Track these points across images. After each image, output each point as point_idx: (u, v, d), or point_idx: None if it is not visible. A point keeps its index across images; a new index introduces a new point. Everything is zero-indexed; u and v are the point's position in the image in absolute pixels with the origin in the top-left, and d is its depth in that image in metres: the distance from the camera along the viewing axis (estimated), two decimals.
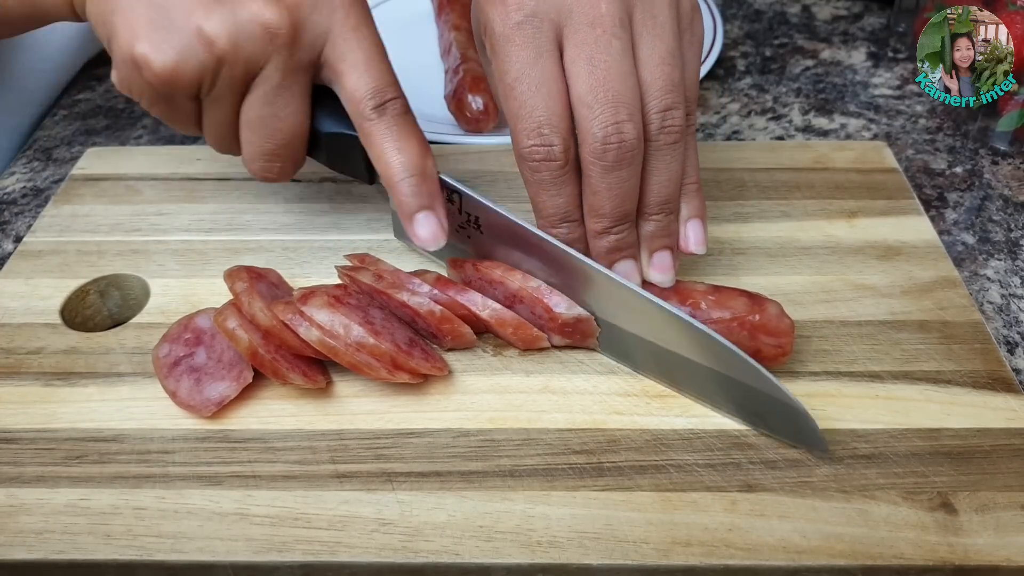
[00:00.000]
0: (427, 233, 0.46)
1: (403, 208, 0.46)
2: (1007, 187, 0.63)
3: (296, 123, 0.46)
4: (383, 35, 0.48)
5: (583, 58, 0.40)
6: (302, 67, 0.45)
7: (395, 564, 0.38)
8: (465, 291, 0.46)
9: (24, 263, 0.53)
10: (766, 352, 0.43)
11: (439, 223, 0.46)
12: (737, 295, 0.44)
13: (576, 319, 0.45)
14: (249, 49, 0.43)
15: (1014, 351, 0.51)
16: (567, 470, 0.41)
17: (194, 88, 0.44)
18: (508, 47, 0.41)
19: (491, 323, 0.46)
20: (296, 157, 0.48)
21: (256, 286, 0.45)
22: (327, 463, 0.42)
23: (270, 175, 0.48)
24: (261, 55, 0.43)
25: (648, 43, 0.41)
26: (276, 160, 0.47)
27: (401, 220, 0.46)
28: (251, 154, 0.47)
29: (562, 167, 0.42)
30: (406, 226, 0.46)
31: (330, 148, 0.49)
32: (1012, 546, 0.38)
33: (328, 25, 0.45)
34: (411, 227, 0.46)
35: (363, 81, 0.45)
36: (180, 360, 0.45)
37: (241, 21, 0.43)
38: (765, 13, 0.87)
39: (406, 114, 0.46)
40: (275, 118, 0.46)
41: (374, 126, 0.45)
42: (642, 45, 0.41)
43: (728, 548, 0.38)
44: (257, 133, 0.46)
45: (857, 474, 0.41)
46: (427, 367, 0.44)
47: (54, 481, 0.41)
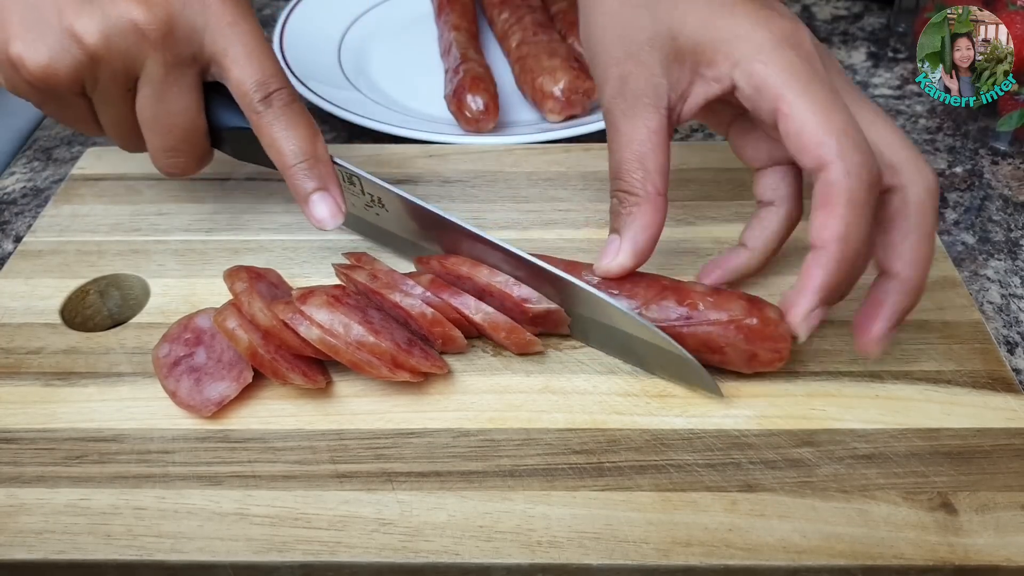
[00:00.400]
0: (323, 212, 0.48)
1: (298, 192, 0.48)
2: (1007, 187, 0.63)
3: (189, 118, 0.48)
4: (383, 35, 0.48)
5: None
6: (183, 63, 0.46)
7: (395, 564, 0.38)
8: (459, 294, 0.46)
9: (24, 263, 0.53)
10: (763, 357, 0.43)
11: (335, 202, 0.48)
12: (736, 298, 0.44)
13: (547, 311, 0.46)
14: (122, 46, 0.44)
15: (1014, 351, 0.51)
16: (567, 470, 0.41)
17: (74, 85, 0.45)
18: (813, 67, 0.40)
19: (484, 327, 0.46)
20: (198, 151, 0.50)
21: (256, 286, 0.45)
22: (327, 463, 0.42)
23: (176, 170, 0.50)
24: (136, 52, 0.45)
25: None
26: (179, 155, 0.49)
27: (298, 204, 0.48)
28: (153, 151, 0.49)
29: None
30: (303, 209, 0.48)
31: (232, 142, 0.50)
32: (1012, 546, 0.38)
33: (203, 21, 0.46)
34: (308, 209, 0.48)
35: (246, 74, 0.46)
36: (180, 360, 0.45)
37: (111, 19, 0.44)
38: None
39: (293, 103, 0.48)
40: (168, 114, 0.47)
41: (262, 118, 0.47)
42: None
43: (728, 548, 0.38)
44: (153, 131, 0.48)
45: (857, 474, 0.41)
46: (427, 365, 0.44)
47: (54, 481, 0.41)
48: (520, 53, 0.71)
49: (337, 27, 0.79)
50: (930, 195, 0.40)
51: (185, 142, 0.49)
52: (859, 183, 0.38)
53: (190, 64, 0.46)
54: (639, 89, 0.43)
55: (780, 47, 0.40)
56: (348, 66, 0.75)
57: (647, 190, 0.43)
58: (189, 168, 0.50)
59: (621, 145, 0.44)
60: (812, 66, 0.40)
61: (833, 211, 0.38)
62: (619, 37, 0.44)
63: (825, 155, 0.38)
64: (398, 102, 0.72)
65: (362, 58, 0.77)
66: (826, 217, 0.38)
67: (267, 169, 0.49)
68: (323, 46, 0.77)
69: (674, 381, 0.45)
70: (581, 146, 0.61)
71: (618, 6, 0.45)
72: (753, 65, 0.40)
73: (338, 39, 0.78)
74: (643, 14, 0.44)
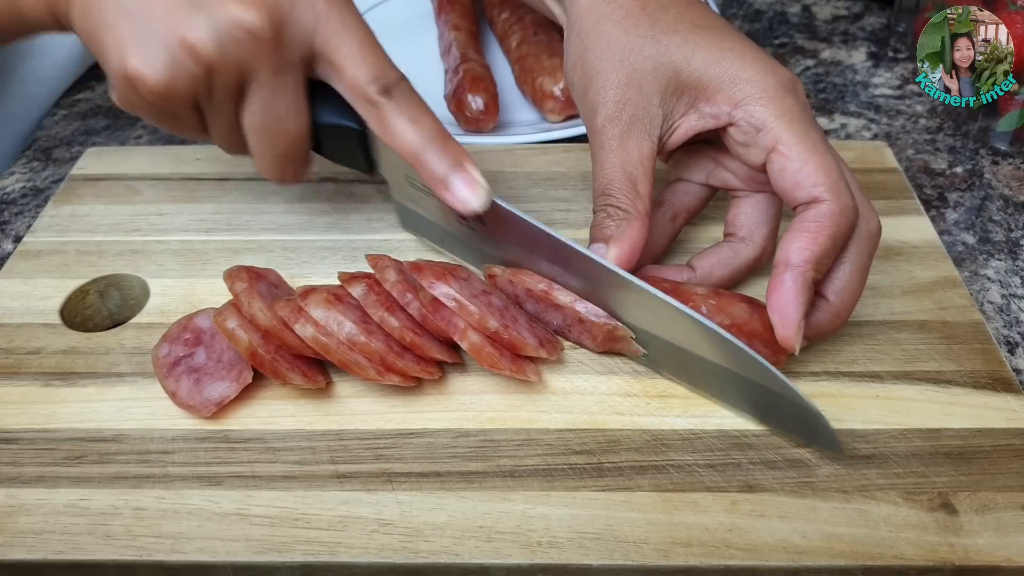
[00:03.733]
0: (467, 193, 0.44)
1: (434, 177, 0.45)
2: (1007, 187, 0.63)
3: (299, 122, 0.46)
4: (383, 35, 0.47)
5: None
6: (293, 65, 0.45)
7: (395, 564, 0.38)
8: (449, 320, 0.44)
9: (24, 263, 0.53)
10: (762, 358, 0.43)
11: (476, 180, 0.45)
12: (737, 300, 0.44)
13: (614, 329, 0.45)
14: (236, 53, 0.43)
15: (1014, 351, 0.51)
16: (567, 470, 0.41)
17: (191, 99, 0.44)
18: (805, 111, 0.44)
19: (469, 352, 0.44)
20: (305, 156, 0.48)
21: (256, 286, 0.45)
22: (327, 463, 0.42)
23: (286, 178, 0.48)
24: (249, 58, 0.43)
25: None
26: (288, 162, 0.47)
27: (437, 192, 0.45)
28: (263, 160, 0.47)
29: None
30: (444, 196, 0.45)
31: (328, 140, 0.49)
32: (1012, 546, 0.38)
33: (313, 20, 0.44)
34: (449, 194, 0.45)
35: (363, 69, 0.45)
36: (180, 360, 0.45)
37: (223, 25, 0.42)
38: (765, 13, 0.87)
39: (413, 92, 0.46)
40: (278, 120, 0.45)
41: (384, 108, 0.45)
42: None
43: (728, 548, 0.38)
44: (264, 138, 0.46)
45: (857, 474, 0.41)
46: (417, 370, 0.44)
47: (54, 481, 0.41)
48: (520, 53, 0.71)
49: None
50: (871, 237, 0.43)
51: (294, 147, 0.47)
52: (844, 221, 0.42)
53: (299, 66, 0.45)
54: (636, 116, 0.45)
55: (781, 94, 0.44)
56: None
57: (637, 209, 0.45)
58: (299, 174, 0.48)
59: (614, 166, 0.45)
60: (807, 114, 0.44)
61: (816, 239, 0.41)
62: (621, 63, 0.46)
63: (821, 193, 0.42)
64: None
65: None
66: (807, 242, 0.41)
67: None
68: None
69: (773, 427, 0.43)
70: (581, 146, 0.61)
71: (621, 34, 0.46)
72: (755, 107, 0.44)
73: None
74: (649, 44, 0.45)
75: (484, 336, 0.43)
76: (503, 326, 0.44)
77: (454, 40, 0.73)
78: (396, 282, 0.45)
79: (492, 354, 0.43)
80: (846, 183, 0.42)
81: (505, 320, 0.44)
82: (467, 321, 0.43)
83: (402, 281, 0.45)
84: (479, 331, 0.43)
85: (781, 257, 0.42)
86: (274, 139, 0.46)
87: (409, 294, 0.44)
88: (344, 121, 0.47)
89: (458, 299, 0.43)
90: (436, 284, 0.44)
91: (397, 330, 0.44)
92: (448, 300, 0.43)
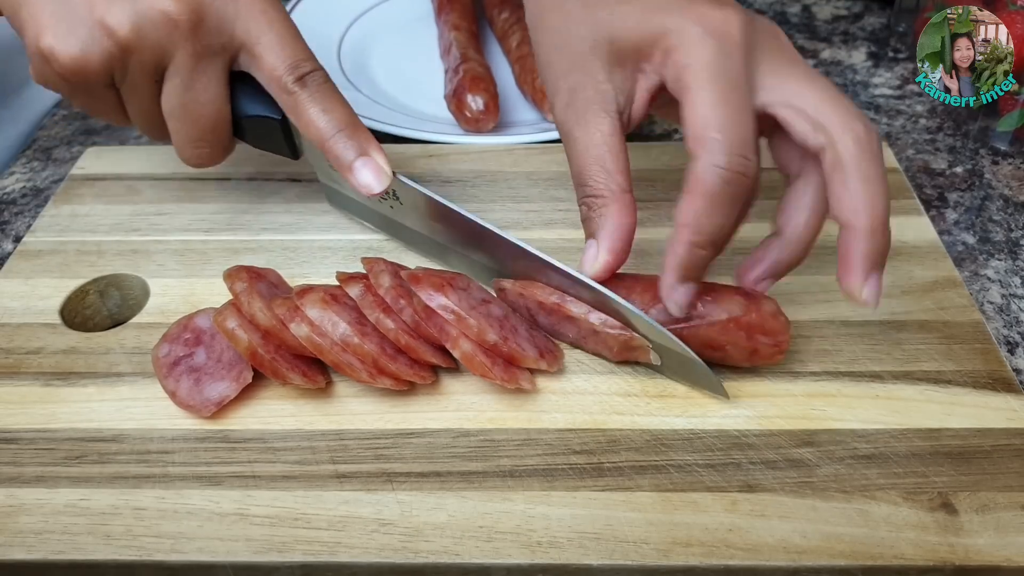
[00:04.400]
0: (370, 178, 0.47)
1: (340, 162, 0.47)
2: (1007, 187, 0.63)
3: (216, 108, 0.48)
4: (383, 35, 0.48)
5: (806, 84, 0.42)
6: (212, 53, 0.46)
7: (395, 564, 0.38)
8: (442, 327, 0.44)
9: (24, 263, 0.53)
10: (763, 351, 0.43)
11: (379, 166, 0.47)
12: (733, 294, 0.44)
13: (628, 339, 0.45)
14: (153, 37, 0.44)
15: (1014, 351, 0.51)
16: (567, 470, 0.41)
17: (104, 77, 0.46)
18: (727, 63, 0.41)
19: (461, 360, 0.44)
20: (223, 141, 0.50)
21: (256, 286, 0.45)
22: (327, 463, 0.42)
23: (201, 161, 0.50)
24: (167, 43, 0.45)
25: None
26: (204, 145, 0.49)
27: (343, 176, 0.48)
28: (179, 142, 0.49)
29: (752, 185, 0.42)
30: (348, 179, 0.47)
31: (252, 130, 0.50)
32: (1012, 546, 0.38)
33: (234, 11, 0.46)
34: (353, 178, 0.47)
35: (280, 59, 0.47)
36: (180, 360, 0.45)
37: (142, 10, 0.44)
38: (765, 13, 0.87)
39: (327, 83, 0.48)
40: (196, 103, 0.47)
41: (297, 97, 0.47)
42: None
43: (728, 548, 0.38)
44: (181, 121, 0.48)
45: (857, 474, 0.41)
46: (410, 374, 0.44)
47: (54, 481, 0.41)
48: (520, 53, 0.71)
49: (337, 27, 0.79)
50: (859, 143, 0.41)
51: (212, 132, 0.49)
52: (714, 178, 0.40)
53: (219, 53, 0.46)
54: (588, 98, 0.44)
55: (704, 39, 0.42)
56: (348, 66, 0.75)
57: (612, 189, 0.43)
58: (215, 158, 0.50)
59: (579, 152, 0.44)
60: (727, 59, 0.41)
61: (690, 199, 0.41)
62: (563, 50, 0.46)
63: (694, 148, 0.41)
64: (398, 102, 0.72)
65: (362, 58, 0.77)
66: (685, 202, 0.41)
67: (268, 169, 0.49)
68: (323, 46, 0.77)
69: (678, 380, 0.45)
70: None
71: (561, 21, 0.46)
72: (676, 56, 0.42)
73: (338, 39, 0.78)
74: (583, 26, 0.45)
75: (476, 344, 0.43)
76: (502, 338, 0.43)
77: (454, 40, 0.73)
78: (390, 288, 0.45)
79: (483, 363, 0.43)
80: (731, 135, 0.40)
81: (504, 332, 0.44)
82: (464, 333, 0.43)
83: (396, 287, 0.45)
84: (474, 341, 0.43)
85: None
86: (191, 123, 0.48)
87: (402, 300, 0.44)
88: (266, 112, 0.49)
89: (457, 311, 0.43)
90: (435, 296, 0.44)
91: (392, 332, 0.44)
92: (446, 312, 0.43)
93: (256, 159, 0.60)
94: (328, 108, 0.47)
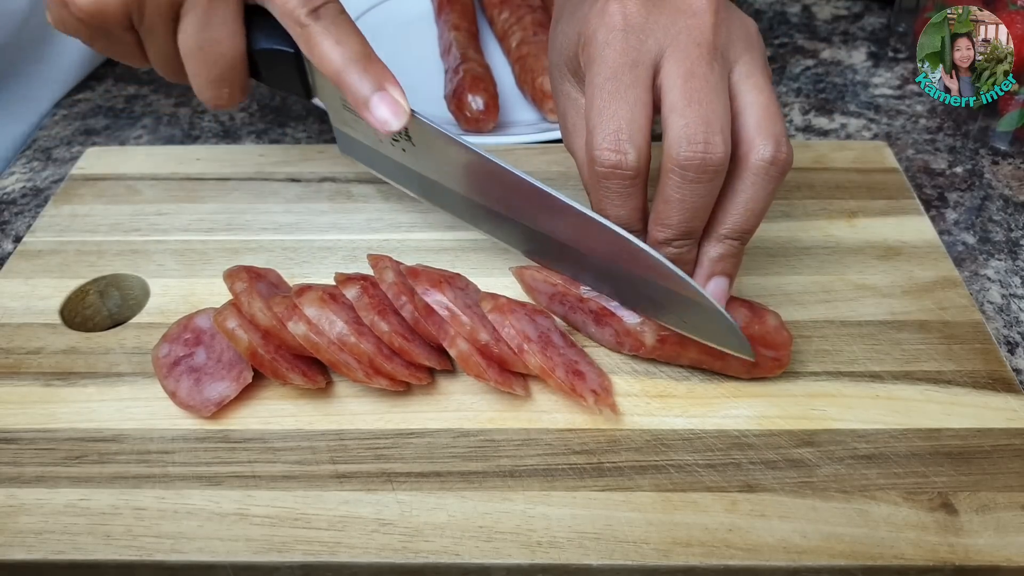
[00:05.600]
0: (387, 113, 0.45)
1: (356, 97, 0.45)
2: (1007, 187, 0.63)
3: (233, 45, 0.47)
4: (383, 35, 0.48)
5: (682, 71, 0.40)
6: None
7: (395, 564, 0.38)
8: (441, 327, 0.44)
9: (24, 263, 0.53)
10: (763, 364, 0.43)
11: (396, 101, 0.45)
12: (738, 305, 0.44)
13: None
14: None
15: (1014, 351, 0.51)
16: (567, 470, 0.41)
17: (123, 20, 0.45)
18: (606, 51, 0.41)
19: (457, 360, 0.44)
20: (242, 80, 0.49)
21: (256, 286, 0.45)
22: (327, 463, 0.42)
23: (221, 102, 0.49)
24: None
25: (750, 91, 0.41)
26: (224, 85, 0.48)
27: (360, 113, 0.46)
28: (199, 84, 0.48)
29: (632, 178, 0.41)
30: (365, 116, 0.45)
31: (266, 66, 0.49)
32: (1012, 546, 0.38)
33: None
34: (369, 114, 0.45)
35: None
36: (180, 360, 0.45)
37: None
38: (765, 13, 0.87)
39: (342, 14, 0.46)
40: (212, 42, 0.46)
41: (311, 30, 0.45)
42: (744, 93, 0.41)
43: (728, 548, 0.38)
44: (199, 61, 0.47)
45: (857, 474, 0.41)
46: (406, 374, 0.44)
47: (54, 481, 0.41)
48: (520, 53, 0.71)
49: None
50: (764, 163, 0.40)
51: (230, 70, 0.48)
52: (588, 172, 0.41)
53: None
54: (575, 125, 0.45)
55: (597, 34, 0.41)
56: None
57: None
58: (234, 99, 0.49)
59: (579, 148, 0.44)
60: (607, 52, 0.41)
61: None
62: (552, 65, 0.47)
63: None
64: None
65: None
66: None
67: (268, 169, 0.49)
68: None
69: (699, 337, 0.43)
70: None
71: (553, 34, 0.47)
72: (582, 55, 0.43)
73: None
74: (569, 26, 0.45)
75: (473, 345, 0.43)
76: (494, 339, 0.43)
77: (454, 40, 0.73)
78: (393, 283, 0.44)
79: (479, 364, 0.43)
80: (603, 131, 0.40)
81: (498, 333, 0.44)
82: (459, 333, 0.43)
83: (399, 283, 0.45)
84: (469, 340, 0.43)
85: None
86: (209, 62, 0.47)
87: (404, 296, 0.44)
88: (279, 45, 0.48)
89: (451, 308, 0.43)
90: (430, 292, 0.44)
91: (387, 334, 0.44)
92: (441, 309, 0.43)
93: (256, 159, 0.60)
94: (342, 40, 0.45)
